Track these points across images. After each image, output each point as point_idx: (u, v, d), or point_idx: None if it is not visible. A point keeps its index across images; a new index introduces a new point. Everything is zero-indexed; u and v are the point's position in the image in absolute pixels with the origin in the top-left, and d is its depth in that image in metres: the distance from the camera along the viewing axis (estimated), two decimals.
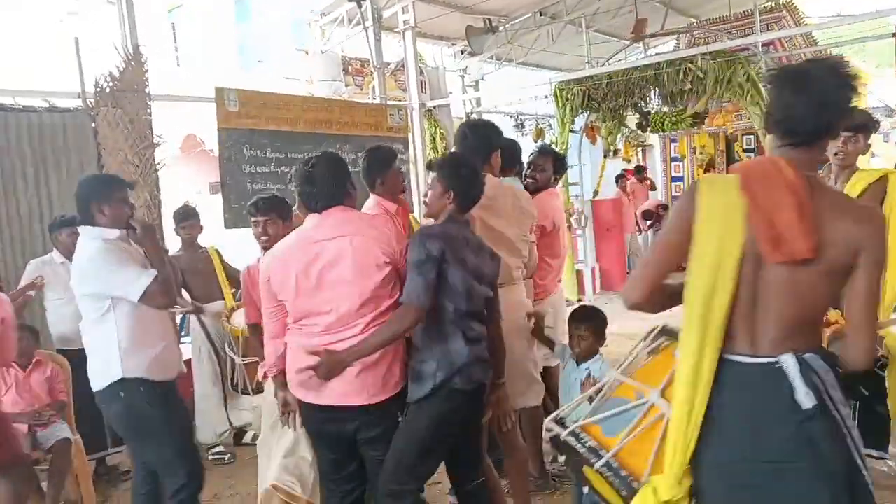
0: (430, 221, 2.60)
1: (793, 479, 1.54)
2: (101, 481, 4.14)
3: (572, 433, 1.90)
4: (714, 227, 1.57)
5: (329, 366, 2.33)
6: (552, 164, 3.82)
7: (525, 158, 3.99)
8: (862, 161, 3.15)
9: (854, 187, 2.94)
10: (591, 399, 2.01)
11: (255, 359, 3.69)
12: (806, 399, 1.51)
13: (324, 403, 2.42)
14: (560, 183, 4.01)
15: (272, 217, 3.13)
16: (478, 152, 2.91)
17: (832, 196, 1.58)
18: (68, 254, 3.90)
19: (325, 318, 2.38)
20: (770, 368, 1.56)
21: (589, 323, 2.87)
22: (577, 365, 2.86)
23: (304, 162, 2.50)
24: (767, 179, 1.55)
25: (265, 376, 2.68)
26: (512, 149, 3.69)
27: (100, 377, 2.71)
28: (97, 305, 2.68)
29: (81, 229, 2.76)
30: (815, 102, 1.52)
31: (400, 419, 2.43)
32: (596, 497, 2.80)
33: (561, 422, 2.00)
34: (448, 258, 2.36)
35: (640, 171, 11.87)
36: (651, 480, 1.68)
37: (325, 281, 2.37)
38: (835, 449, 1.53)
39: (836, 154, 2.97)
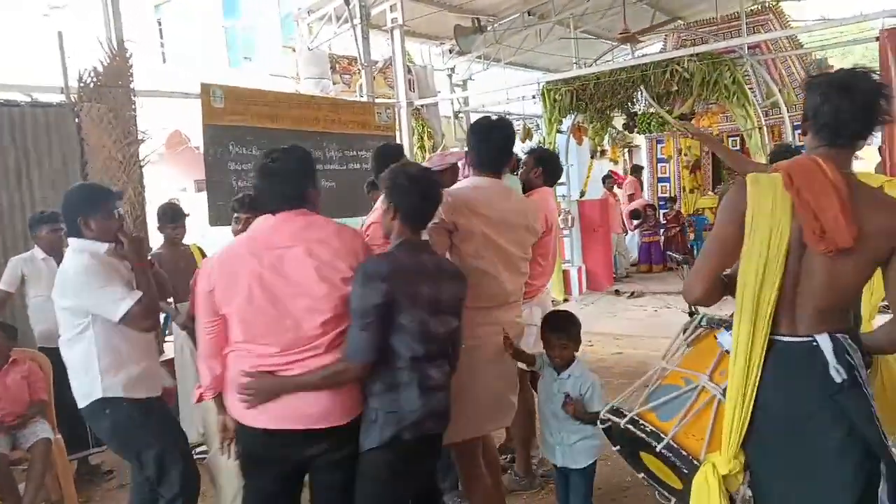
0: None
1: (827, 449, 1.68)
2: (83, 481, 4.08)
3: (631, 421, 2.01)
4: (763, 222, 1.70)
5: (265, 389, 2.08)
6: (531, 161, 3.84)
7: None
8: None
9: None
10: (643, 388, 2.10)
11: None
12: (837, 373, 1.67)
13: (289, 428, 2.10)
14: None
15: (255, 216, 3.05)
16: (501, 153, 2.70)
17: (869, 192, 1.73)
18: (50, 250, 3.88)
19: (283, 336, 2.07)
20: (807, 346, 1.72)
21: (569, 332, 2.84)
22: (558, 374, 2.82)
23: (266, 154, 2.17)
24: (811, 177, 1.68)
25: (201, 399, 2.35)
26: None
27: (83, 396, 2.65)
28: (76, 321, 2.60)
29: (70, 241, 2.70)
30: (861, 107, 1.69)
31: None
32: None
33: (617, 412, 2.10)
34: (398, 298, 2.07)
35: (637, 170, 11.99)
36: (708, 458, 1.83)
37: (283, 294, 2.06)
38: (866, 420, 1.67)
39: None
